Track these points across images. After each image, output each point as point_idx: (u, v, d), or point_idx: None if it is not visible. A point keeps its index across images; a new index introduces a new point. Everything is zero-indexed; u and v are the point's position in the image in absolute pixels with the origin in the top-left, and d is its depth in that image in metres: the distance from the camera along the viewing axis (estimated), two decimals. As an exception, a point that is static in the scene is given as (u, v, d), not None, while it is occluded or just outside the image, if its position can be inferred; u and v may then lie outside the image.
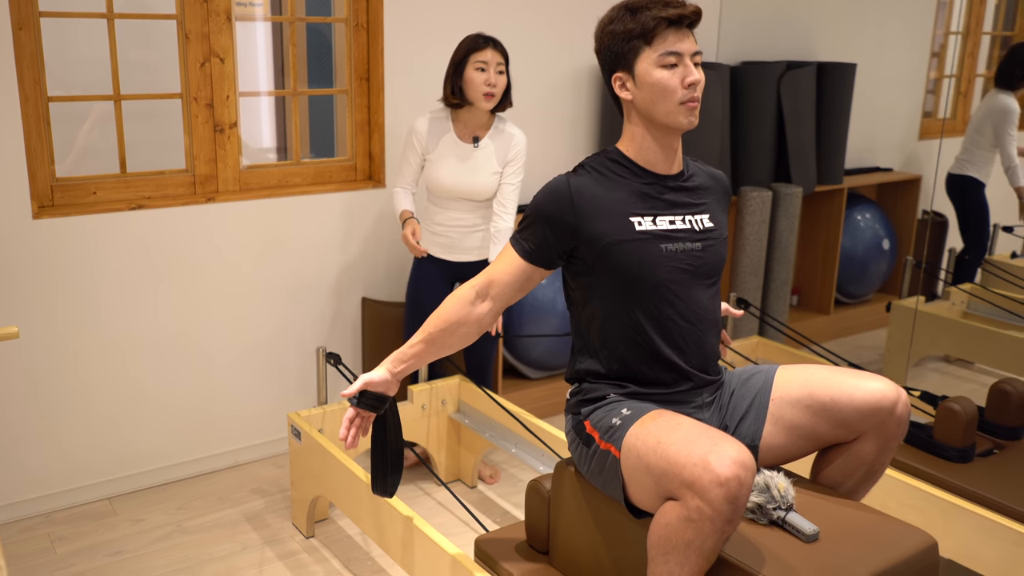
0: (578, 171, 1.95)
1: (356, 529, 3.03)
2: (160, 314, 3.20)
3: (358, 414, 1.98)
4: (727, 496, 1.57)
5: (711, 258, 1.96)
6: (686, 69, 1.85)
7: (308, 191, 3.43)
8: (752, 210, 4.32)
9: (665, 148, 1.93)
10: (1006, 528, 2.40)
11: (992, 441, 2.84)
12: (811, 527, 1.75)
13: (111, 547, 2.91)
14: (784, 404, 1.92)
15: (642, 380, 1.93)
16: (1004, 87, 4.56)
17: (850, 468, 1.94)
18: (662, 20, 1.83)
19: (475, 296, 1.94)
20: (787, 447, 1.94)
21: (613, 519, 1.90)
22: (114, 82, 3.07)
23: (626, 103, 1.94)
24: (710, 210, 1.99)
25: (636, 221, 1.89)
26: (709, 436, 1.66)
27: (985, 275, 4.77)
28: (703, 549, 1.63)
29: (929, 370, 4.59)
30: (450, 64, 2.99)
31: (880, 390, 1.85)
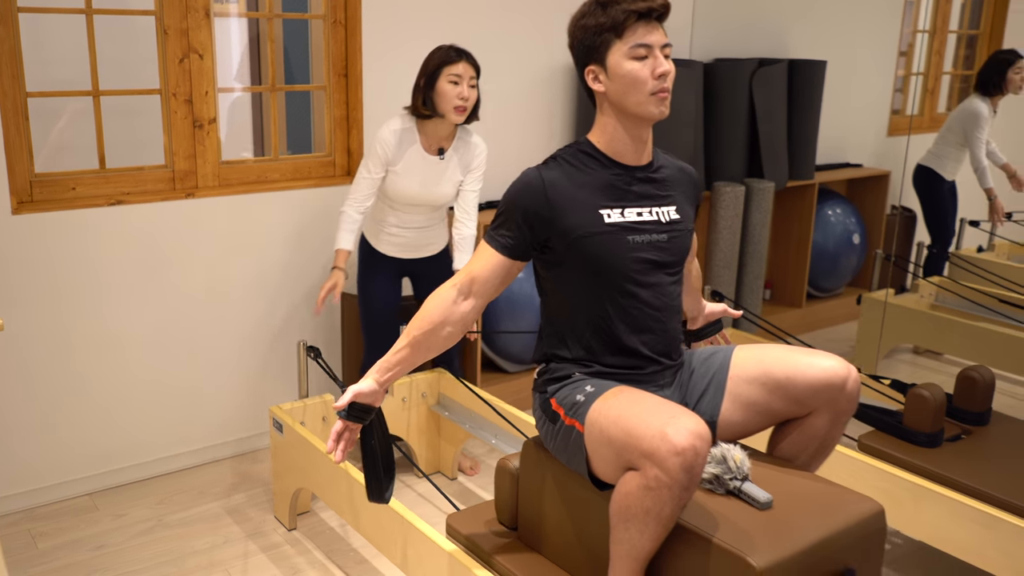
0: (549, 163, 2.00)
1: (338, 521, 3.05)
2: (140, 310, 3.21)
3: (346, 427, 1.97)
4: (683, 465, 1.65)
5: (676, 249, 2.03)
6: (656, 60, 1.90)
7: (287, 186, 3.45)
8: (725, 205, 4.38)
9: (635, 139, 1.98)
10: (974, 510, 2.47)
11: (960, 426, 2.91)
12: (765, 495, 1.84)
13: (93, 542, 2.92)
14: (741, 382, 2.02)
15: (606, 363, 2.00)
16: (980, 92, 4.68)
17: (804, 442, 2.03)
18: (632, 13, 1.89)
19: (457, 295, 1.96)
20: (744, 423, 2.03)
21: (578, 493, 1.98)
22: (93, 77, 3.08)
23: (599, 95, 1.98)
24: (676, 202, 2.05)
25: (605, 213, 1.95)
26: (667, 409, 1.74)
27: (953, 268, 4.88)
28: (661, 516, 1.71)
29: (899, 361, 4.68)
30: (421, 75, 2.96)
31: (831, 367, 1.94)
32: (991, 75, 4.65)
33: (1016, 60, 4.61)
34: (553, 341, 2.05)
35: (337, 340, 3.68)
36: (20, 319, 2.99)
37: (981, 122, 4.63)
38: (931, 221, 4.91)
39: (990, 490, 2.52)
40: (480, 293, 1.97)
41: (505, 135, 3.93)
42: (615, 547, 1.80)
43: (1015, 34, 5.59)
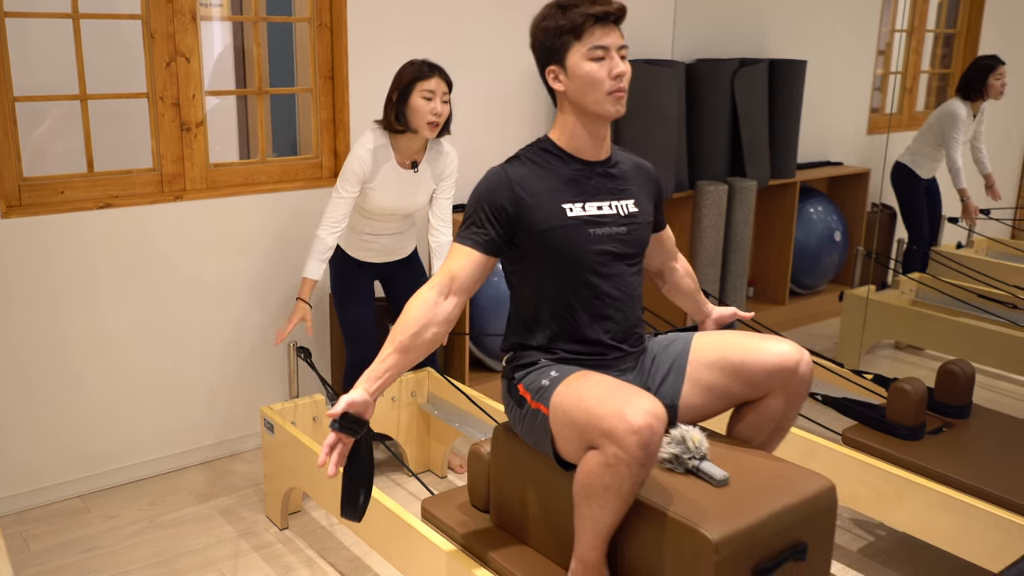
0: (513, 162, 2.08)
1: (329, 519, 3.08)
2: (130, 312, 3.22)
3: (339, 439, 1.92)
4: (640, 443, 1.74)
5: (635, 240, 2.13)
6: (612, 61, 1.99)
7: (274, 188, 3.47)
8: (708, 204, 4.43)
9: (594, 135, 2.08)
10: (955, 500, 2.52)
11: (941, 420, 2.97)
12: (722, 473, 1.93)
13: (85, 543, 2.93)
14: (700, 366, 2.11)
15: (570, 351, 2.09)
16: (961, 95, 4.76)
17: (760, 423, 2.13)
18: (590, 16, 1.98)
19: (437, 295, 1.99)
20: (704, 406, 2.13)
21: (545, 474, 2.06)
22: (80, 81, 3.09)
23: (559, 94, 2.07)
24: (635, 196, 2.15)
25: (568, 208, 2.04)
26: (625, 391, 1.83)
27: (934, 264, 4.95)
28: (621, 492, 1.80)
29: (881, 356, 4.75)
30: (393, 90, 2.97)
31: (785, 352, 2.04)
32: (972, 80, 4.73)
33: (997, 66, 4.68)
34: (520, 331, 2.14)
35: (327, 341, 3.70)
36: (10, 322, 2.99)
37: (958, 123, 4.70)
38: (907, 218, 4.99)
39: (970, 481, 2.57)
40: (460, 290, 2.02)
41: (487, 137, 3.97)
42: (579, 523, 1.89)
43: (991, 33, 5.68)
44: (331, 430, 1.92)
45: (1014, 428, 2.93)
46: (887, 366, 4.61)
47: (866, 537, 3.03)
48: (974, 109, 4.78)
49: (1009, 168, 6.20)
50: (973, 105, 4.77)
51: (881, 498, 2.71)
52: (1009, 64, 5.15)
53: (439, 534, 2.30)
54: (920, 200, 4.97)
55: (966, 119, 4.72)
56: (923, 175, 4.91)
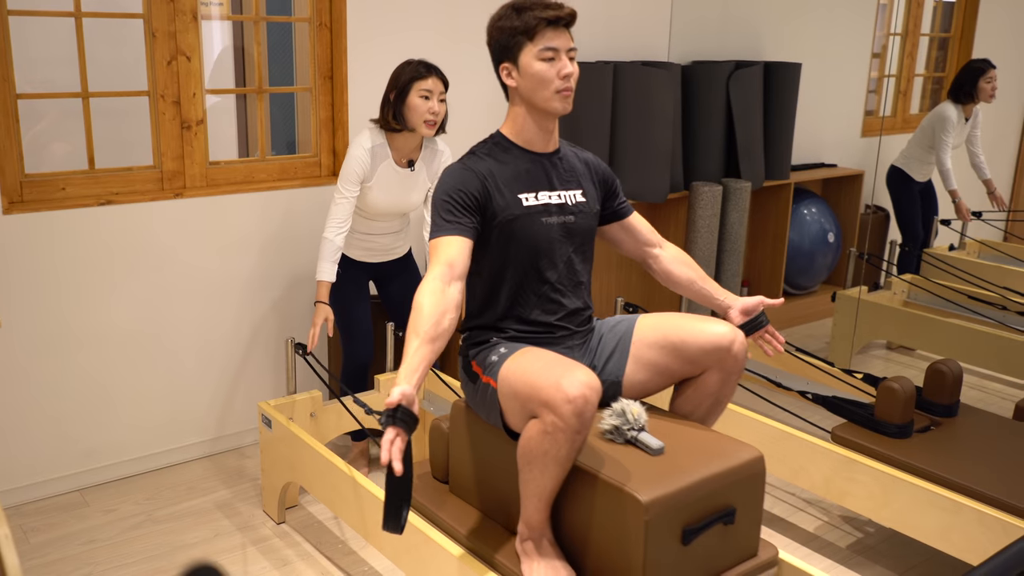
0: (471, 158, 2.23)
1: (326, 514, 3.12)
2: (129, 308, 3.26)
3: (397, 434, 1.85)
4: (575, 411, 1.88)
5: (582, 228, 2.28)
6: (561, 62, 2.15)
7: (274, 187, 3.50)
8: (703, 204, 4.47)
9: (543, 129, 2.24)
10: (942, 497, 2.57)
11: (929, 418, 3.01)
12: (658, 443, 2.10)
13: (84, 536, 2.97)
14: (643, 346, 2.27)
15: (520, 330, 2.25)
16: (953, 99, 4.81)
17: (699, 398, 2.30)
18: (542, 20, 2.13)
19: (443, 283, 2.05)
20: (646, 382, 2.29)
21: (496, 445, 2.24)
22: (82, 79, 3.12)
23: (511, 89, 2.23)
24: (582, 186, 2.31)
25: (523, 197, 2.20)
26: (563, 364, 1.97)
27: (926, 266, 5.00)
28: (559, 457, 1.94)
29: (872, 356, 4.79)
30: (391, 89, 3.01)
31: (720, 332, 2.20)
32: (963, 83, 4.78)
33: (988, 70, 4.73)
34: (475, 312, 2.29)
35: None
36: (10, 318, 3.03)
37: (948, 126, 4.75)
38: (900, 220, 5.05)
39: (956, 478, 2.62)
40: (459, 276, 2.10)
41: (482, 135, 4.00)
42: (523, 487, 2.04)
43: (985, 37, 5.74)
44: (386, 426, 1.86)
45: (999, 427, 2.97)
46: (879, 366, 4.66)
47: (855, 534, 3.08)
48: (966, 113, 4.83)
49: (1002, 172, 6.25)
50: (965, 108, 4.82)
51: (869, 495, 2.75)
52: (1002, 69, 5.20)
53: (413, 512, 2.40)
54: (914, 203, 5.02)
55: (957, 122, 4.77)
56: (917, 178, 4.96)
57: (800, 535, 3.06)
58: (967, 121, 4.86)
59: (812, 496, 3.29)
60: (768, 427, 3.00)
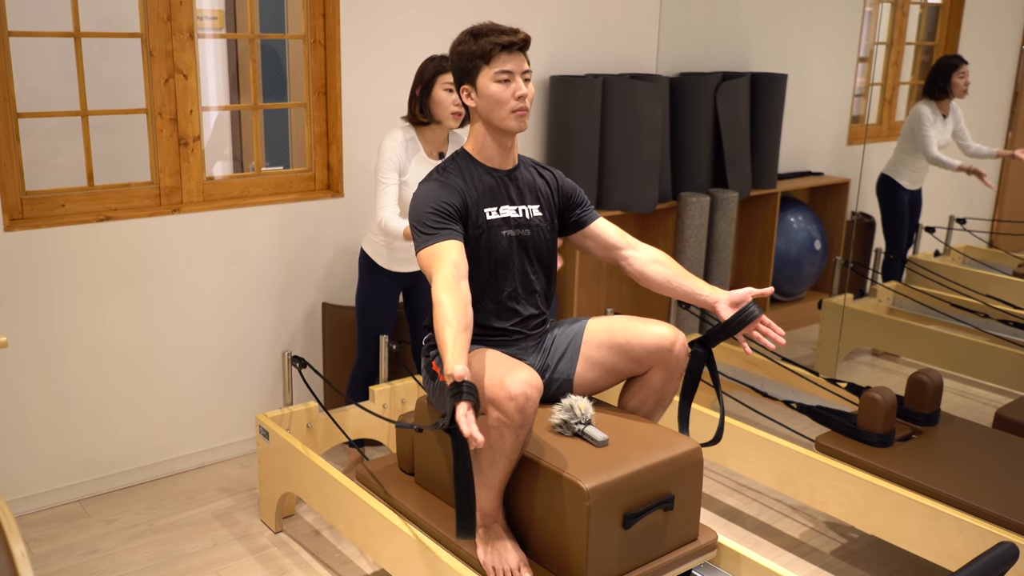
0: (443, 173, 2.37)
1: (322, 524, 3.18)
2: (128, 321, 3.32)
3: (469, 407, 1.93)
4: (517, 407, 2.05)
5: (538, 240, 2.44)
6: (516, 84, 2.30)
7: (269, 201, 3.57)
8: (691, 214, 4.55)
9: (502, 146, 2.39)
10: (921, 505, 2.65)
11: (910, 427, 3.09)
12: (602, 436, 2.28)
13: (85, 547, 3.03)
14: (592, 346, 2.45)
15: (478, 334, 2.41)
16: (928, 96, 4.88)
17: (644, 395, 2.47)
18: (497, 45, 2.29)
19: (455, 281, 2.17)
20: (596, 380, 2.48)
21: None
22: (81, 98, 3.18)
23: (472, 109, 2.38)
24: (539, 201, 2.46)
25: (488, 211, 2.36)
26: (508, 364, 2.13)
27: (910, 273, 5.08)
28: (504, 450, 2.12)
29: (858, 363, 4.87)
30: (416, 84, 3.11)
31: (662, 333, 2.37)
32: (937, 79, 4.85)
33: (960, 65, 4.81)
34: None
35: (318, 350, 3.81)
36: (12, 333, 3.09)
37: (924, 120, 4.82)
38: (886, 228, 5.12)
39: (935, 486, 2.70)
40: (465, 275, 2.22)
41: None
42: (476, 478, 2.18)
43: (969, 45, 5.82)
44: (456, 401, 1.92)
45: (978, 435, 3.06)
46: (864, 372, 4.74)
47: (839, 540, 3.16)
48: (942, 109, 4.89)
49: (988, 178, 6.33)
50: (940, 105, 4.87)
51: (852, 503, 2.83)
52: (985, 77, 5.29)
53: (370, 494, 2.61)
54: (902, 212, 5.07)
55: (933, 117, 4.84)
56: (906, 185, 5.01)
57: (785, 541, 3.14)
58: (945, 118, 4.91)
59: (797, 503, 3.37)
60: (754, 436, 3.08)
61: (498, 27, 2.31)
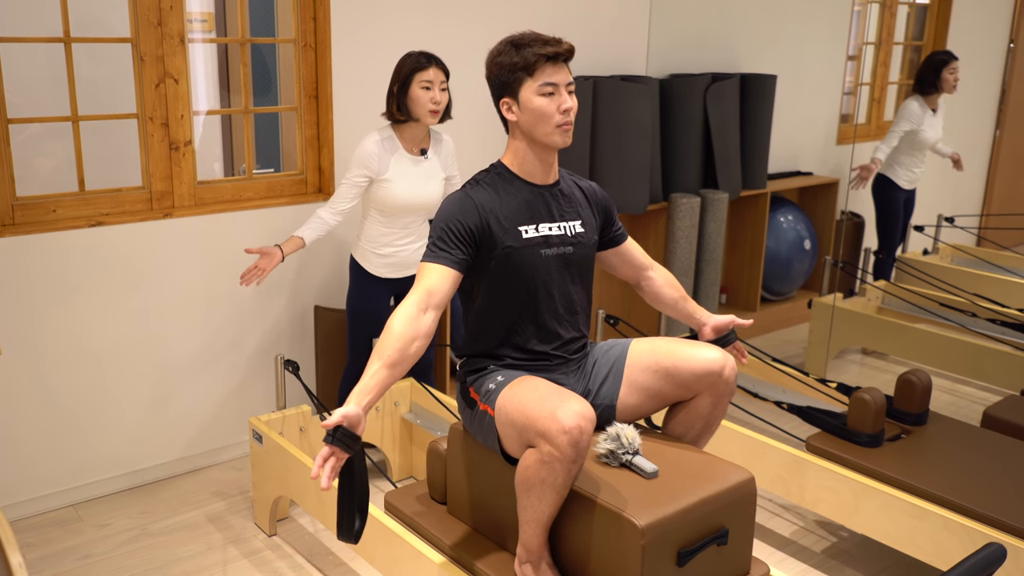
0: (473, 186, 2.26)
1: (316, 526, 3.19)
2: (121, 326, 3.33)
3: (332, 452, 1.96)
4: (571, 442, 1.94)
5: (580, 258, 2.33)
6: (561, 97, 2.19)
7: (261, 205, 3.57)
8: (682, 215, 4.57)
9: (543, 162, 2.28)
10: (910, 504, 2.68)
11: (900, 427, 3.12)
12: (652, 467, 2.15)
13: (79, 551, 3.03)
14: (636, 370, 2.33)
15: (517, 358, 2.30)
16: (918, 91, 4.92)
17: (691, 421, 2.35)
18: (542, 56, 2.18)
19: (418, 311, 2.11)
20: (639, 406, 2.34)
21: (493, 468, 2.29)
22: (71, 103, 3.18)
23: (512, 123, 2.27)
24: (582, 216, 2.34)
25: (523, 229, 2.24)
26: (559, 395, 2.02)
27: (899, 272, 5.12)
28: (556, 485, 2.01)
29: (848, 362, 4.90)
30: (393, 82, 3.13)
31: (711, 358, 2.25)
32: (927, 75, 4.88)
33: (950, 61, 4.84)
34: (473, 338, 2.33)
35: (311, 353, 3.82)
36: (5, 339, 3.09)
37: (906, 113, 4.85)
38: (880, 227, 5.13)
39: (923, 486, 2.72)
40: (437, 305, 2.14)
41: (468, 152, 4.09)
42: (521, 513, 2.10)
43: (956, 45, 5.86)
44: (324, 444, 1.98)
45: (966, 435, 3.08)
46: (854, 371, 4.77)
47: (829, 539, 3.18)
48: (931, 104, 4.91)
49: (975, 176, 6.39)
50: (929, 100, 4.90)
51: (842, 502, 2.86)
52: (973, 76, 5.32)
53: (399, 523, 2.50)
54: (897, 211, 5.09)
55: (920, 112, 4.86)
56: (903, 185, 5.02)
57: (776, 540, 3.17)
58: (935, 112, 4.94)
59: (788, 503, 3.40)
60: (746, 437, 3.10)
61: (541, 36, 2.20)
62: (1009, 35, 6.27)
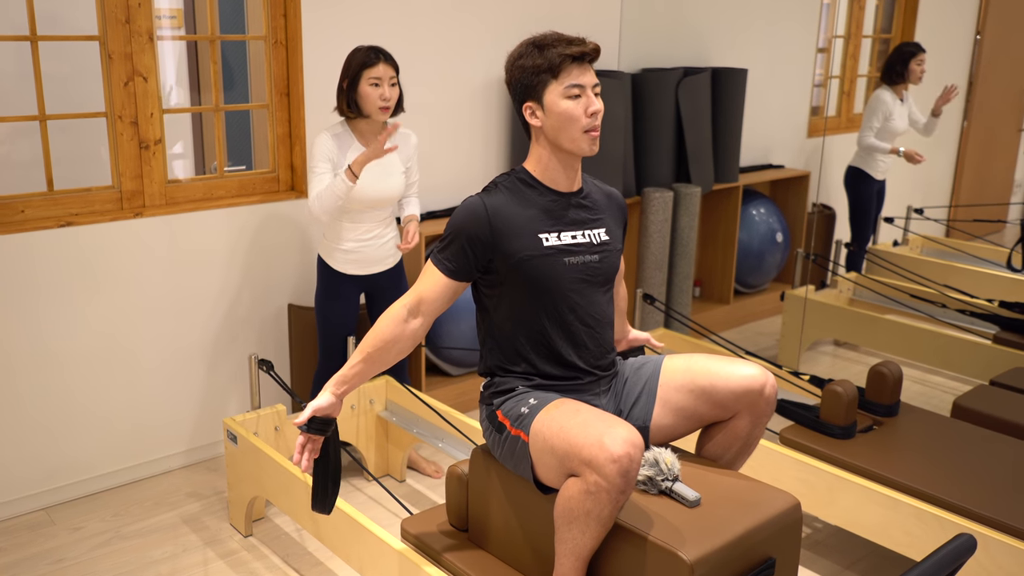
0: (491, 190, 2.16)
1: (292, 526, 3.18)
2: (92, 326, 3.29)
3: (308, 439, 2.11)
4: (620, 471, 1.83)
5: (606, 267, 2.21)
6: (588, 100, 2.09)
7: (233, 203, 3.55)
8: (655, 209, 4.59)
9: (568, 169, 2.17)
10: (883, 495, 2.71)
11: (872, 418, 3.15)
12: (694, 494, 2.03)
13: (52, 555, 3.00)
14: (670, 389, 2.21)
15: (546, 375, 2.18)
16: (886, 81, 4.96)
17: (728, 442, 2.24)
18: (567, 57, 2.07)
19: (407, 314, 2.11)
20: (674, 426, 2.23)
21: (523, 496, 2.15)
22: (39, 102, 3.14)
23: (535, 128, 2.16)
24: (606, 224, 2.24)
25: (544, 237, 2.13)
26: (604, 420, 1.92)
27: (870, 264, 5.17)
28: (601, 517, 1.89)
29: (820, 353, 4.95)
30: (343, 78, 3.09)
31: (751, 375, 2.15)
32: (895, 65, 4.93)
33: (918, 52, 4.89)
34: (496, 355, 2.21)
35: (285, 352, 3.80)
36: (-27, 341, 3.05)
37: (879, 108, 4.90)
38: (853, 219, 5.18)
39: (896, 476, 2.76)
40: (428, 312, 2.13)
41: (438, 149, 4.08)
42: (560, 546, 1.97)
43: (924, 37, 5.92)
44: (300, 432, 2.10)
45: (937, 425, 3.12)
46: (826, 363, 4.81)
47: (804, 530, 3.21)
48: (898, 94, 4.97)
49: (943, 169, 6.46)
50: (896, 90, 4.95)
51: (816, 494, 2.88)
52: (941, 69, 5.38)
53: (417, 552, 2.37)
54: (871, 202, 5.14)
55: (891, 103, 4.91)
56: (876, 176, 5.07)
57: (752, 532, 3.19)
58: (902, 102, 4.99)
59: (763, 494, 3.42)
60: (719, 430, 3.12)
61: (564, 37, 2.09)
62: (976, 27, 6.34)
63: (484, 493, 2.28)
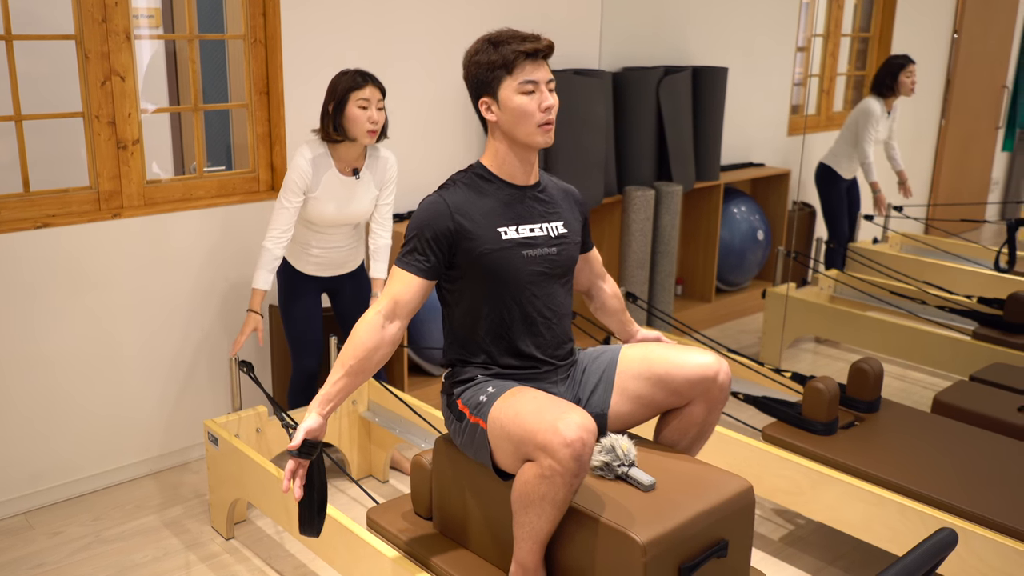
0: (449, 188, 2.20)
1: (274, 528, 3.16)
2: (71, 329, 3.26)
3: (299, 464, 2.08)
4: (573, 455, 1.87)
5: (564, 259, 2.26)
6: (542, 95, 2.14)
7: (213, 203, 3.52)
8: (637, 208, 4.59)
9: (524, 162, 2.22)
10: (865, 491, 2.72)
11: (853, 414, 3.17)
12: (649, 479, 2.09)
13: (31, 560, 2.97)
14: (627, 377, 2.26)
15: (504, 365, 2.22)
16: (875, 93, 5.00)
17: (684, 428, 2.29)
18: (521, 53, 2.12)
19: (383, 320, 2.12)
20: (631, 414, 2.28)
21: (484, 483, 2.20)
22: (15, 102, 3.11)
23: (491, 123, 2.20)
24: (563, 217, 2.29)
25: (503, 231, 2.17)
26: (558, 406, 1.96)
27: (851, 261, 5.20)
28: (556, 500, 1.94)
29: (802, 350, 4.97)
30: (329, 101, 3.05)
31: (705, 363, 2.20)
32: (884, 77, 4.98)
33: (908, 64, 4.94)
34: (457, 348, 2.26)
35: (266, 353, 3.77)
36: (-51, 344, 3.02)
37: (872, 120, 4.95)
38: (827, 217, 5.23)
39: (877, 472, 2.77)
40: (403, 314, 2.14)
41: (417, 147, 4.07)
42: (517, 530, 2.03)
43: (903, 36, 5.96)
44: (290, 457, 2.05)
45: (918, 421, 3.14)
46: (808, 360, 4.84)
47: (786, 527, 3.22)
48: (888, 106, 5.02)
49: (921, 167, 6.50)
50: (886, 102, 5.01)
51: (798, 490, 2.89)
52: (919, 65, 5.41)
53: (383, 540, 2.41)
54: (841, 200, 5.20)
55: (880, 115, 4.97)
56: (844, 175, 5.14)
57: (735, 530, 3.20)
58: (889, 115, 5.05)
59: (746, 491, 3.43)
60: (702, 428, 3.12)
61: (519, 34, 2.14)
62: (953, 26, 6.39)
63: (447, 481, 2.33)
